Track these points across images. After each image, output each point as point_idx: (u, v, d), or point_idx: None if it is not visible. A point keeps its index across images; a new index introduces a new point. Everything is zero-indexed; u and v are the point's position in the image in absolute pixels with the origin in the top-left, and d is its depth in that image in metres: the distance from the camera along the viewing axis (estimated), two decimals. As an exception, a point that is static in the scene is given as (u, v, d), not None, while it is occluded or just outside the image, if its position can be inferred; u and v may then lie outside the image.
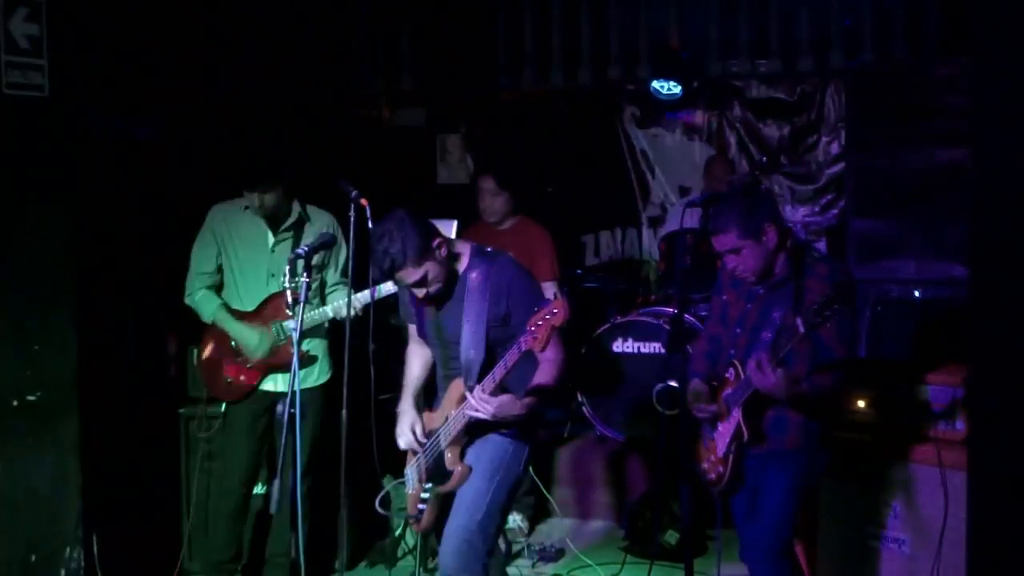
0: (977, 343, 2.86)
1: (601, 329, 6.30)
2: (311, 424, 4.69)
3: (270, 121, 5.88)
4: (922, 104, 6.99)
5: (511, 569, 5.18)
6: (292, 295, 3.99)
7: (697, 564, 4.15)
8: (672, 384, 5.23)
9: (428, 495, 3.91)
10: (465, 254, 3.85)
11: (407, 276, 3.68)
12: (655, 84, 7.75)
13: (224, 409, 4.91)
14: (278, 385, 4.79)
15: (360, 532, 5.25)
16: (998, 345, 2.80)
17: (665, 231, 7.34)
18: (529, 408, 3.74)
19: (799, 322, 3.48)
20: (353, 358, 4.08)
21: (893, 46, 7.49)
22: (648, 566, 4.39)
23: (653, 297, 7.01)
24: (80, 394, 4.59)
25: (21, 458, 4.44)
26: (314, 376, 4.84)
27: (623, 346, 6.23)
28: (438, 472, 3.85)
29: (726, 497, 3.92)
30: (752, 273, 3.76)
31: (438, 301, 3.84)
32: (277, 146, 4.99)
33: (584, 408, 6.31)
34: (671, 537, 5.26)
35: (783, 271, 3.77)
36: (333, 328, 4.81)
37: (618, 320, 6.30)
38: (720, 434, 3.80)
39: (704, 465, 3.89)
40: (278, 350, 4.75)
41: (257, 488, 4.98)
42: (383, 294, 4.46)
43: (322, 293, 4.87)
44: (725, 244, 3.73)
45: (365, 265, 4.02)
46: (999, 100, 2.78)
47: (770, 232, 3.69)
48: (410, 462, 4.03)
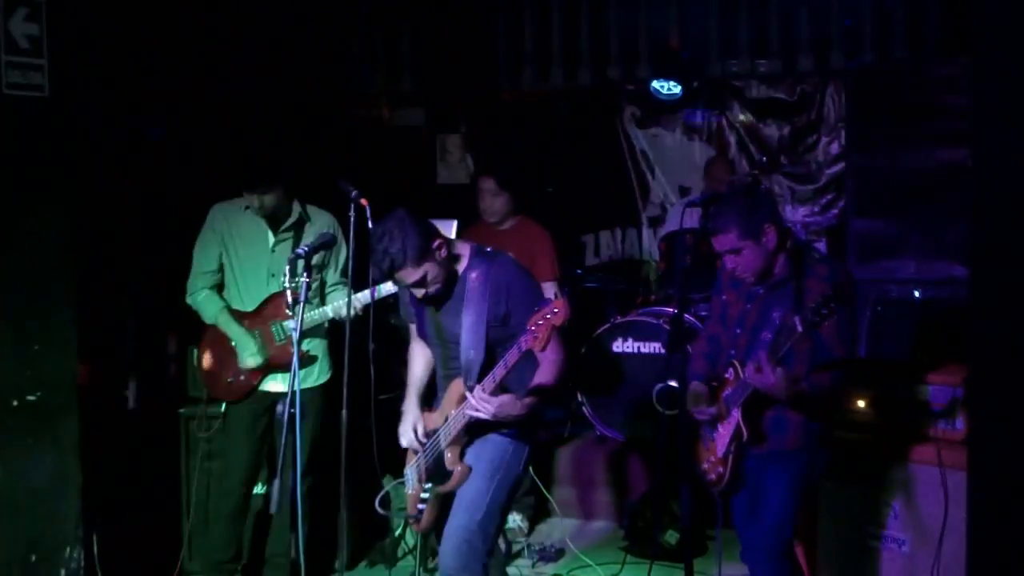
0: (977, 343, 2.86)
1: (601, 329, 6.30)
2: (311, 424, 4.69)
3: (270, 121, 5.88)
4: (922, 104, 6.97)
5: (511, 569, 5.18)
6: (292, 295, 3.99)
7: (697, 564, 4.15)
8: (672, 384, 5.23)
9: (428, 495, 3.91)
10: (465, 254, 3.85)
11: (406, 276, 3.69)
12: (655, 84, 7.75)
13: (224, 409, 4.91)
14: (278, 385, 4.79)
15: (360, 532, 5.24)
16: (998, 345, 2.80)
17: (665, 231, 7.34)
18: (529, 408, 3.74)
19: (797, 321, 3.48)
20: (353, 358, 4.07)
21: (893, 46, 7.49)
22: (648, 566, 4.38)
23: (653, 297, 7.00)
24: (80, 394, 4.59)
25: (21, 458, 4.44)
26: (314, 376, 4.84)
27: (623, 346, 6.23)
28: (438, 472, 3.85)
29: (726, 497, 3.92)
30: (752, 273, 3.76)
31: (437, 301, 3.84)
32: (277, 147, 5.00)
33: (584, 408, 6.30)
34: (671, 537, 5.26)
35: (783, 271, 3.77)
36: (333, 328, 4.82)
37: (618, 320, 6.30)
38: (720, 434, 3.80)
39: (704, 465, 3.89)
40: (276, 354, 4.75)
41: (257, 488, 4.98)
42: (383, 294, 4.46)
43: (322, 293, 4.87)
44: (725, 244, 3.73)
45: (365, 265, 4.01)
46: (999, 100, 2.78)
47: (770, 232, 3.69)
48: (410, 462, 4.03)
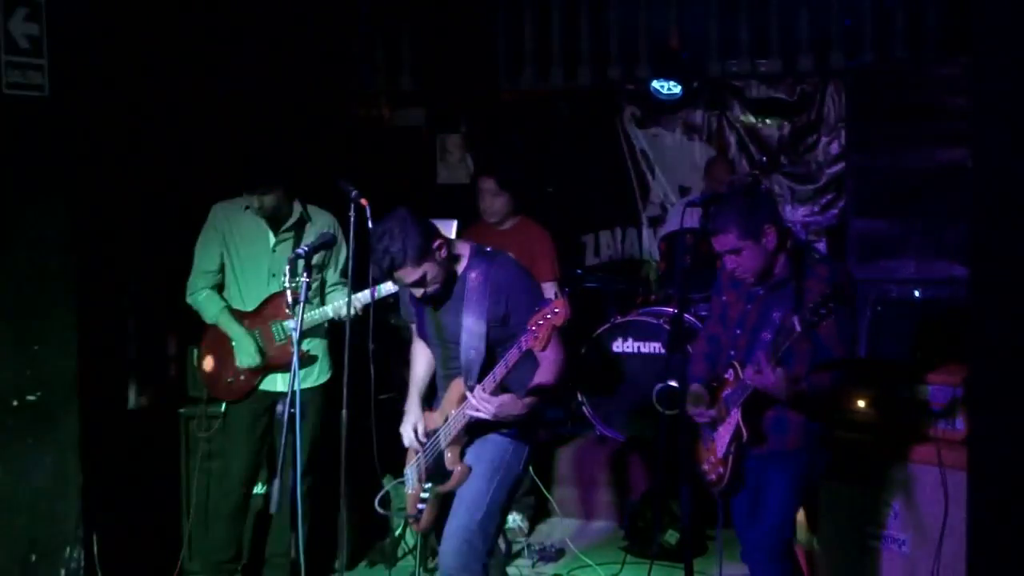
0: (977, 343, 2.86)
1: (601, 329, 6.30)
2: (311, 424, 4.69)
3: (270, 121, 5.87)
4: (922, 104, 6.97)
5: (511, 569, 5.18)
6: (292, 295, 4.00)
7: (697, 564, 4.15)
8: (672, 384, 5.23)
9: (428, 495, 3.91)
10: (465, 254, 3.85)
11: (405, 275, 3.69)
12: (655, 84, 7.75)
13: (224, 409, 4.91)
14: (278, 385, 4.79)
15: (360, 532, 5.25)
16: (998, 345, 2.80)
17: (665, 231, 7.34)
18: (530, 408, 3.74)
19: (796, 321, 3.48)
20: (353, 358, 4.07)
21: (893, 46, 7.49)
22: (648, 566, 4.38)
23: (653, 297, 7.01)
24: (80, 394, 4.59)
25: (21, 458, 4.44)
26: (314, 376, 4.84)
27: (623, 346, 6.23)
28: (438, 472, 3.85)
29: (726, 498, 3.92)
30: (752, 274, 3.75)
31: (437, 301, 3.84)
32: (276, 147, 4.99)
33: (584, 408, 6.30)
34: (671, 537, 5.26)
35: (783, 272, 3.76)
36: (333, 328, 4.81)
37: (618, 320, 6.30)
38: (720, 435, 3.80)
39: (704, 466, 3.89)
40: (275, 354, 4.75)
41: (257, 488, 4.98)
42: (383, 294, 4.46)
43: (322, 293, 4.87)
44: (725, 244, 3.72)
45: (365, 265, 4.01)
46: (999, 100, 2.78)
47: (770, 233, 3.69)
48: (410, 461, 4.03)
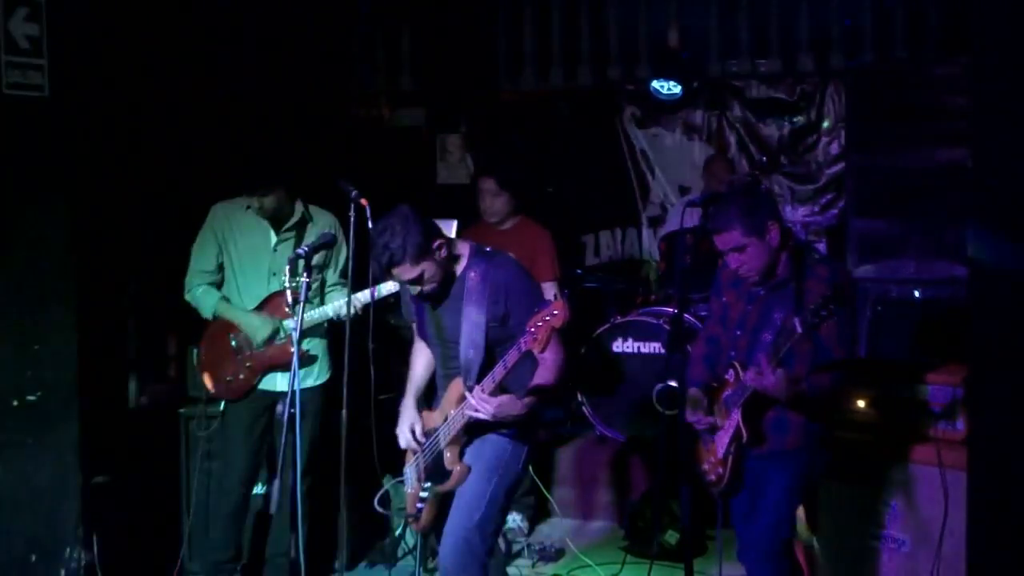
0: (977, 343, 2.86)
1: (601, 329, 6.29)
2: (311, 424, 4.69)
3: (270, 121, 5.88)
4: (922, 104, 6.96)
5: (511, 569, 5.18)
6: (292, 295, 4.00)
7: (697, 564, 4.15)
8: (672, 384, 5.23)
9: (427, 494, 3.91)
10: (465, 254, 3.85)
11: (403, 273, 3.69)
12: (655, 84, 7.74)
13: (223, 408, 4.91)
14: (278, 385, 4.78)
15: (360, 532, 5.24)
16: (998, 345, 2.80)
17: (665, 231, 7.34)
18: (529, 408, 3.74)
19: (796, 322, 3.48)
20: (353, 358, 4.07)
21: (893, 46, 7.48)
22: (648, 566, 4.38)
23: (653, 297, 7.00)
24: (80, 394, 4.59)
25: (21, 458, 4.44)
26: (314, 376, 4.83)
27: (623, 346, 6.22)
28: (437, 471, 3.85)
29: (726, 498, 3.92)
30: (756, 272, 3.74)
31: (436, 300, 3.84)
32: (276, 148, 4.99)
33: (584, 408, 6.30)
34: (671, 537, 5.26)
35: (784, 272, 3.76)
36: (333, 328, 4.81)
37: (618, 320, 6.30)
38: (720, 435, 3.80)
39: (704, 466, 3.89)
40: (275, 353, 4.75)
41: (257, 488, 4.98)
42: (383, 294, 4.46)
43: (322, 293, 4.86)
44: (729, 242, 3.71)
45: (365, 265, 4.02)
46: (999, 100, 2.78)
47: (773, 230, 3.69)
48: (409, 461, 4.03)
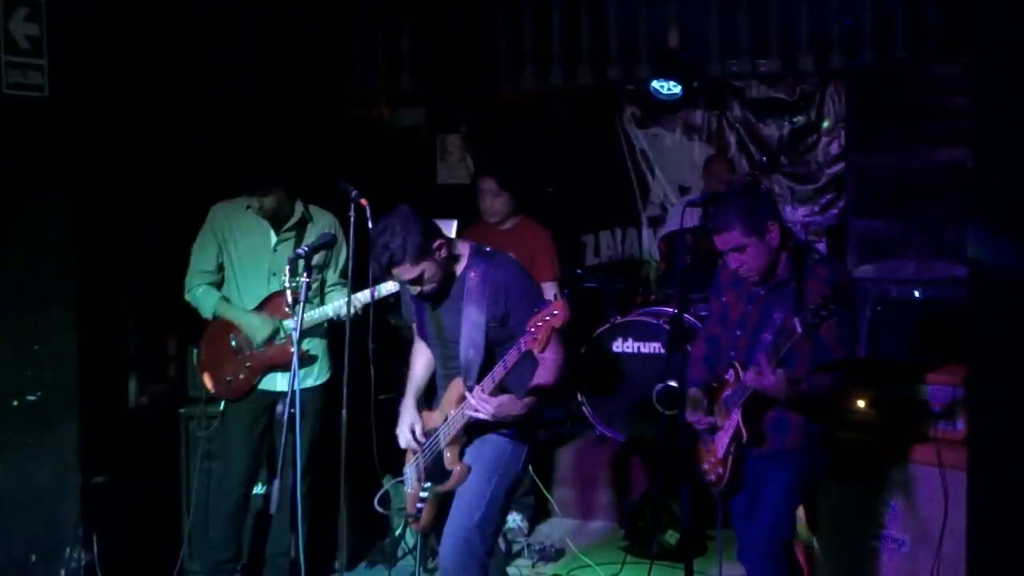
0: (977, 343, 2.86)
1: (601, 329, 6.30)
2: (311, 424, 4.69)
3: (270, 121, 5.88)
4: (922, 104, 6.97)
5: (511, 569, 5.18)
6: (292, 295, 3.99)
7: (697, 564, 4.15)
8: (672, 384, 5.23)
9: (427, 494, 3.91)
10: (465, 254, 3.85)
11: (403, 273, 3.69)
12: (655, 84, 7.74)
13: (223, 408, 4.91)
14: (278, 385, 4.78)
15: (360, 532, 5.24)
16: (998, 345, 2.80)
17: (665, 231, 7.34)
18: (529, 408, 3.74)
19: (796, 322, 3.48)
20: (353, 358, 4.07)
21: (893, 46, 7.49)
22: (648, 566, 4.38)
23: (653, 297, 7.00)
24: (80, 394, 4.59)
25: (21, 458, 4.44)
26: (314, 376, 4.83)
27: (623, 346, 6.23)
28: (437, 471, 3.85)
29: (726, 498, 3.92)
30: (756, 272, 3.75)
31: (435, 300, 3.84)
32: (276, 149, 5.00)
33: (584, 408, 6.30)
34: (671, 537, 5.26)
35: (785, 272, 3.76)
36: (333, 328, 4.81)
37: (618, 320, 6.30)
38: (720, 435, 3.80)
39: (704, 466, 3.89)
40: (275, 353, 4.75)
41: (257, 488, 4.98)
42: (383, 294, 4.46)
43: (322, 293, 4.86)
44: (729, 242, 3.71)
45: (365, 265, 4.02)
46: (999, 100, 2.78)
47: (773, 230, 3.69)
48: (409, 461, 4.03)
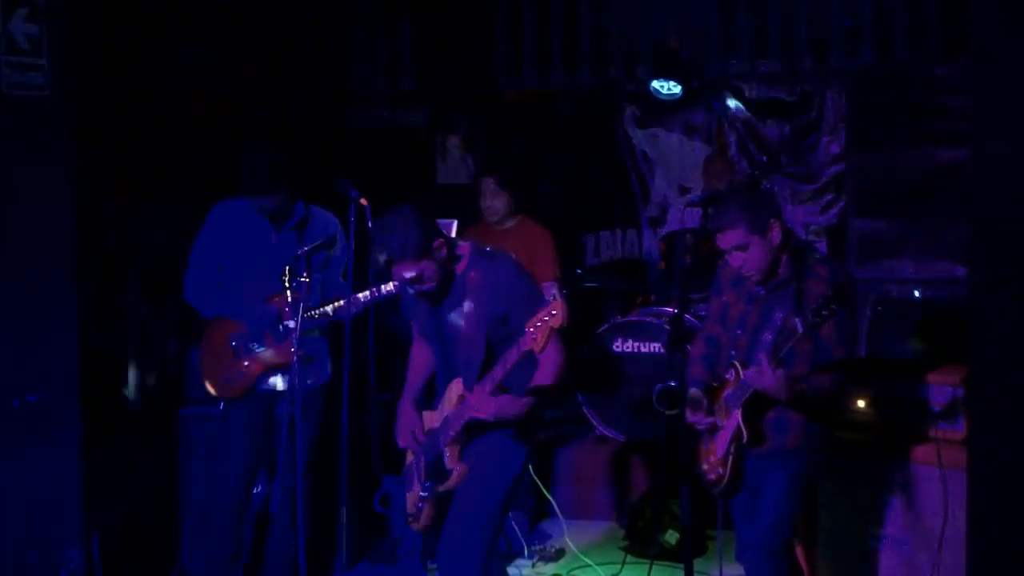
0: (977, 343, 2.87)
1: (601, 329, 6.30)
2: (311, 424, 4.68)
3: (270, 121, 5.88)
4: (922, 104, 6.98)
5: (511, 569, 5.18)
6: (292, 295, 3.99)
7: (697, 564, 4.16)
8: (672, 384, 5.23)
9: (427, 494, 3.91)
10: (465, 254, 3.85)
11: (402, 271, 3.69)
12: (655, 84, 7.73)
13: (223, 408, 4.90)
14: (278, 385, 4.78)
15: (360, 532, 5.25)
16: (998, 345, 2.81)
17: (665, 231, 7.34)
18: (528, 408, 3.74)
19: (797, 323, 3.48)
20: (353, 358, 4.08)
21: (893, 46, 7.48)
22: (648, 566, 4.39)
23: (653, 297, 7.00)
24: (80, 394, 4.59)
25: (21, 458, 4.45)
26: (314, 376, 4.83)
27: (623, 346, 6.23)
28: (437, 471, 3.85)
29: (726, 498, 3.93)
30: (758, 271, 3.75)
31: (435, 299, 3.84)
32: (276, 150, 4.99)
33: (584, 408, 6.30)
34: (671, 537, 5.26)
35: (785, 271, 3.76)
36: (333, 328, 4.81)
37: (618, 320, 6.30)
38: (720, 435, 3.80)
39: (704, 466, 3.89)
40: (279, 345, 4.75)
41: (257, 488, 4.98)
42: (383, 294, 4.46)
43: (322, 293, 4.86)
44: (731, 241, 3.72)
45: (365, 265, 4.02)
46: (999, 100, 2.78)
47: (775, 229, 3.70)
48: (409, 461, 4.03)
